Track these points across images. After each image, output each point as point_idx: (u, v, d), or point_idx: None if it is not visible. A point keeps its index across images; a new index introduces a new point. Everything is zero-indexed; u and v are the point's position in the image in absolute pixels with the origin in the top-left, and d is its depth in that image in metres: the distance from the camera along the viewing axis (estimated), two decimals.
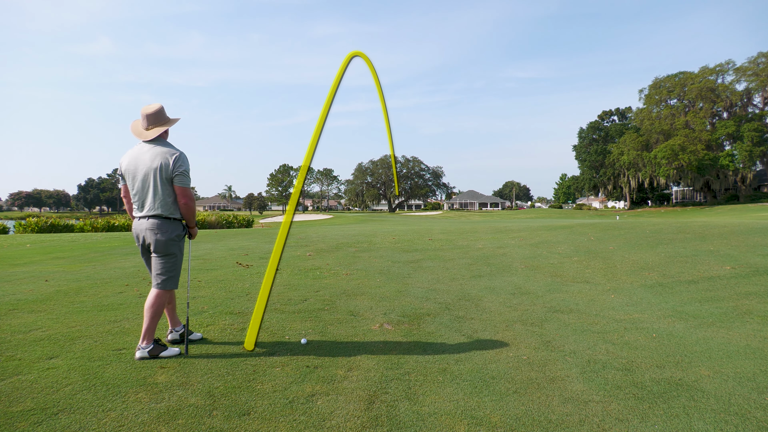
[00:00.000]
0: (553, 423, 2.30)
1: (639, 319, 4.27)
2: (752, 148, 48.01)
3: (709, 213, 39.73)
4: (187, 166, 3.17)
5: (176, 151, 3.15)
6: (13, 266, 7.50)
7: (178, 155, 3.13)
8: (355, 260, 8.15)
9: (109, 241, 12.29)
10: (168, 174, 3.10)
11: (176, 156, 3.12)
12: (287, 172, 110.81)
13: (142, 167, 3.12)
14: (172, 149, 3.16)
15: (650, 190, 66.03)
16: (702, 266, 6.59)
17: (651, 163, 54.77)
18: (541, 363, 3.12)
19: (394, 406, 2.48)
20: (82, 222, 21.88)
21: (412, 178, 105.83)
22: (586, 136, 73.52)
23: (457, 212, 76.62)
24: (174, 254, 3.22)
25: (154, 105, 3.23)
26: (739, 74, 51.40)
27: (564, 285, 5.98)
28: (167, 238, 3.15)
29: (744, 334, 3.75)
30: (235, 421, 2.28)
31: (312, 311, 4.50)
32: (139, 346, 3.13)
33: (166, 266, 3.19)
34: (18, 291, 5.34)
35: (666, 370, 2.98)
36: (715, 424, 2.28)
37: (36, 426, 2.19)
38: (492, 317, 4.38)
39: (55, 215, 54.72)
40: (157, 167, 3.08)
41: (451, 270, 7.20)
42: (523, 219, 36.05)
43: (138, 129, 3.24)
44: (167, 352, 3.18)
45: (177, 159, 3.11)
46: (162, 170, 3.09)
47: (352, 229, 18.11)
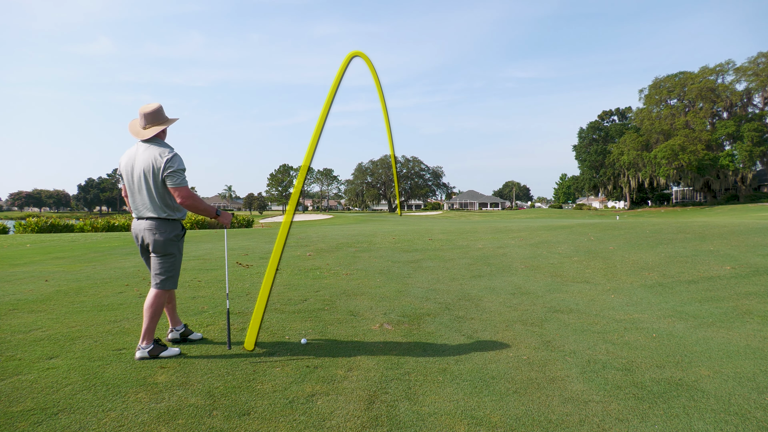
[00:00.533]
0: (553, 423, 2.30)
1: (639, 319, 4.27)
2: (752, 148, 48.02)
3: (709, 213, 39.73)
4: (178, 166, 3.08)
5: (169, 152, 3.10)
6: (13, 266, 7.50)
7: (170, 156, 3.06)
8: (355, 260, 8.15)
9: (109, 241, 12.29)
10: (159, 175, 3.05)
11: (167, 157, 3.05)
12: (287, 172, 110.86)
13: (137, 167, 3.10)
14: (165, 149, 3.11)
15: (650, 190, 66.05)
16: (702, 266, 6.59)
17: (651, 163, 54.78)
18: (541, 363, 3.12)
19: (394, 406, 2.48)
20: (82, 222, 21.88)
21: (412, 178, 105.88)
22: (586, 136, 73.54)
23: (457, 212, 76.62)
24: (172, 254, 3.21)
25: (152, 104, 3.21)
26: (739, 74, 51.41)
27: (564, 285, 5.98)
28: (165, 238, 3.14)
29: (744, 334, 3.75)
30: (235, 421, 2.28)
31: (312, 311, 4.50)
32: (139, 346, 3.13)
33: (164, 266, 3.18)
34: (18, 291, 5.34)
35: (666, 370, 2.98)
36: (715, 424, 2.28)
37: (36, 426, 2.19)
38: (492, 317, 4.38)
39: (55, 215, 54.72)
40: (149, 168, 3.06)
41: (451, 270, 7.20)
42: (523, 219, 36.05)
43: (135, 128, 3.22)
44: (167, 352, 3.17)
45: (168, 160, 3.04)
46: (153, 171, 3.05)
47: (352, 229, 18.11)
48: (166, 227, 3.15)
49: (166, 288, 3.20)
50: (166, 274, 3.19)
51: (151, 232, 3.13)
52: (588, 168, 71.72)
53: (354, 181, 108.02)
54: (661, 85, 57.69)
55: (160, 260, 3.18)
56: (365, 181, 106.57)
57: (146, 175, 3.07)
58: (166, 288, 3.20)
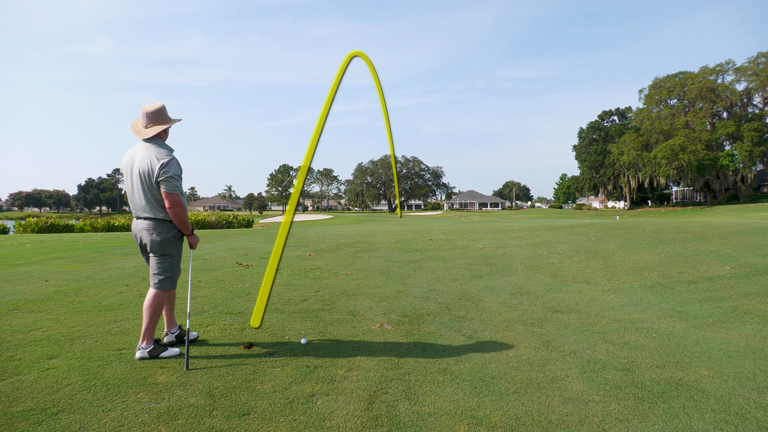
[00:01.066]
0: (553, 423, 2.30)
1: (639, 319, 4.27)
2: (752, 148, 48.01)
3: (709, 213, 39.73)
4: (174, 171, 3.05)
5: (166, 155, 3.07)
6: (13, 266, 7.50)
7: (166, 160, 3.04)
8: (355, 260, 8.15)
9: (109, 241, 12.29)
10: (153, 178, 3.03)
11: (164, 161, 3.03)
12: (287, 172, 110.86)
13: (135, 167, 3.09)
14: (163, 151, 3.09)
15: (650, 190, 66.04)
16: (702, 266, 6.59)
17: (651, 163, 54.77)
18: (541, 363, 3.12)
19: (394, 406, 2.48)
20: (82, 222, 21.89)
21: (412, 178, 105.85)
22: (586, 136, 73.54)
23: (457, 212, 76.62)
24: (170, 254, 3.20)
25: (155, 104, 3.19)
26: (739, 74, 51.40)
27: (564, 285, 5.98)
28: (162, 238, 3.13)
29: (744, 334, 3.75)
30: (235, 421, 2.28)
31: (312, 311, 4.50)
32: (139, 346, 3.12)
33: (162, 266, 3.18)
34: (18, 291, 5.33)
35: (666, 370, 2.98)
36: (715, 424, 2.28)
37: (36, 426, 2.19)
38: (492, 317, 4.38)
39: (55, 215, 54.71)
40: (146, 169, 3.04)
41: (451, 270, 7.20)
42: (523, 219, 36.04)
43: (137, 127, 3.20)
44: (167, 353, 3.17)
45: (164, 164, 3.02)
46: (149, 173, 3.03)
47: (352, 229, 18.11)
48: (163, 227, 3.14)
49: (164, 288, 3.19)
50: (164, 274, 3.18)
51: (148, 232, 3.12)
52: (588, 168, 71.72)
53: (354, 181, 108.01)
54: (661, 85, 57.67)
55: (158, 260, 3.17)
56: (365, 181, 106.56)
57: (142, 176, 3.06)
58: (164, 288, 3.19)
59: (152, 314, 3.13)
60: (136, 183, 3.10)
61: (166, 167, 3.03)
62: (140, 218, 3.15)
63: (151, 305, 3.13)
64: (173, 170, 3.06)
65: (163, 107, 3.21)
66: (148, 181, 3.05)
